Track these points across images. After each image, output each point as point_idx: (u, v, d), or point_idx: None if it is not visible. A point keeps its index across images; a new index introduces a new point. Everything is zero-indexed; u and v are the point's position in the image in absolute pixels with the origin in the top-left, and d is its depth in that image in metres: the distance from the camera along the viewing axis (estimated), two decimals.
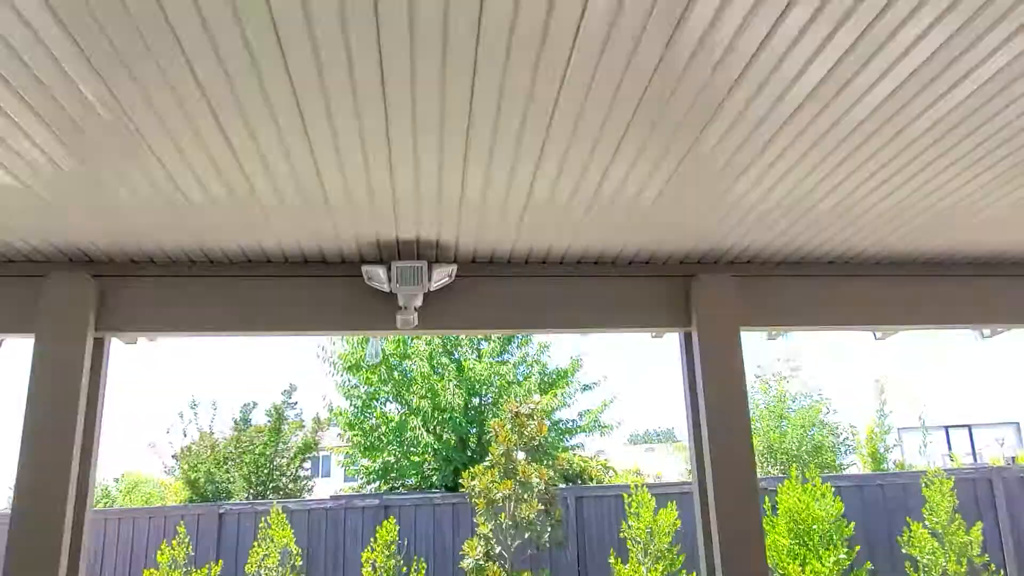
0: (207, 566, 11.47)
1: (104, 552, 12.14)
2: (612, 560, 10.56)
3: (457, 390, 13.76)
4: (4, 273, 3.39)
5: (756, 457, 14.37)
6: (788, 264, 3.87)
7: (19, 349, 3.68)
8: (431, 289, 3.41)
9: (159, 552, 11.55)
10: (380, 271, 3.36)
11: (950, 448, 19.30)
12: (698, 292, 3.65)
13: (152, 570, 11.42)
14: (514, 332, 3.84)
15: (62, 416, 3.13)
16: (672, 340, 3.98)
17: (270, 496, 14.57)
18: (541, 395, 13.87)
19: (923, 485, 10.31)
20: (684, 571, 10.16)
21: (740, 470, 3.48)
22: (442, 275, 3.40)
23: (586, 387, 14.99)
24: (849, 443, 15.14)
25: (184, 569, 11.36)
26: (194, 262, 3.52)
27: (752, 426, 13.53)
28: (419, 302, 3.39)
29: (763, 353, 20.25)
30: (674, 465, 24.23)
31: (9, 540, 2.93)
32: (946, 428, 20.16)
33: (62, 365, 3.18)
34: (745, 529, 3.44)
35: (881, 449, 14.46)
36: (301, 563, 11.35)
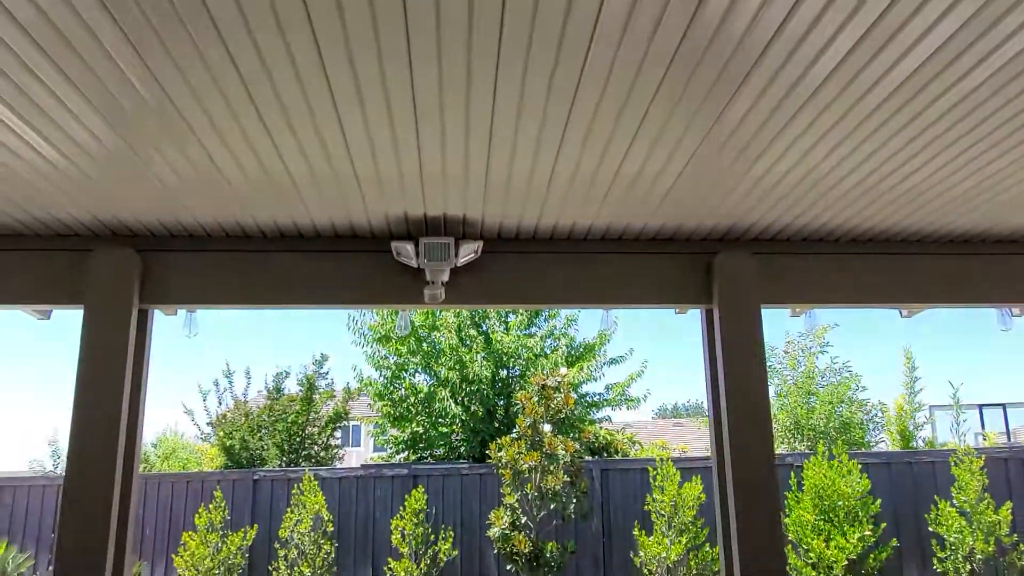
0: (242, 530, 11.87)
1: (144, 514, 12.61)
2: (636, 532, 10.70)
3: (485, 362, 13.92)
4: (53, 247, 3.56)
5: (783, 432, 14.41)
6: (810, 241, 3.87)
7: (65, 319, 3.86)
8: (458, 264, 3.49)
9: (197, 515, 11.97)
10: (409, 247, 3.45)
11: (983, 427, 18.99)
12: (719, 269, 3.68)
13: (190, 532, 11.85)
14: (538, 307, 3.93)
15: (110, 384, 3.29)
16: (698, 314, 4.02)
17: (302, 464, 14.94)
18: (568, 368, 13.96)
19: (952, 464, 10.24)
20: (708, 544, 10.27)
21: (759, 446, 3.54)
22: (468, 251, 3.48)
23: (613, 360, 15.04)
24: (878, 421, 15.01)
25: (221, 532, 11.77)
26: (230, 236, 3.65)
27: (780, 401, 13.60)
28: (446, 277, 3.48)
29: (792, 328, 20.09)
30: (702, 439, 24.26)
31: (63, 502, 3.09)
32: (980, 407, 19.80)
33: (109, 336, 3.34)
34: (762, 505, 3.50)
35: (911, 427, 14.32)
36: (332, 529, 11.69)
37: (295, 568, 11.33)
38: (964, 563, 9.74)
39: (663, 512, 10.46)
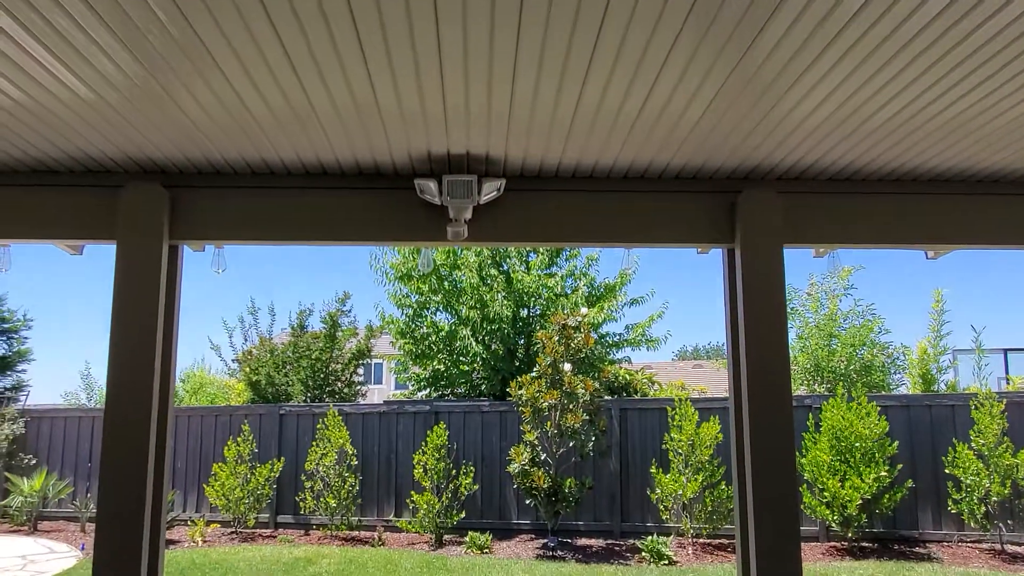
0: (270, 462, 12.28)
1: (176, 446, 13.06)
2: (653, 470, 10.92)
3: (506, 301, 14.02)
4: (85, 183, 3.61)
5: (803, 375, 14.43)
6: (836, 181, 3.81)
7: (95, 257, 3.94)
8: (480, 202, 3.50)
9: (226, 447, 12.39)
10: (432, 184, 3.46)
11: (1007, 371, 18.87)
12: (742, 208, 3.64)
13: (220, 464, 12.29)
14: (560, 245, 3.90)
15: (144, 317, 3.38)
16: (720, 254, 4.01)
17: (326, 399, 15.31)
18: (588, 308, 14.03)
19: (972, 407, 10.26)
20: (723, 482, 10.46)
21: (775, 387, 3.56)
22: (491, 189, 3.48)
23: (634, 301, 15.07)
24: (900, 364, 14.98)
25: (249, 464, 12.19)
26: (256, 174, 3.67)
27: (800, 344, 13.58)
28: (469, 215, 3.50)
29: (816, 270, 19.91)
30: (722, 381, 24.41)
31: (104, 434, 3.22)
32: (1005, 351, 19.63)
33: (142, 270, 3.41)
34: (777, 446, 3.54)
35: (933, 370, 14.28)
36: (356, 463, 12.05)
37: (321, 499, 11.75)
38: (979, 505, 9.85)
39: (680, 451, 10.64)
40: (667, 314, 15.83)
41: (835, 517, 10.00)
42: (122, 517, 3.17)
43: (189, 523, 12.33)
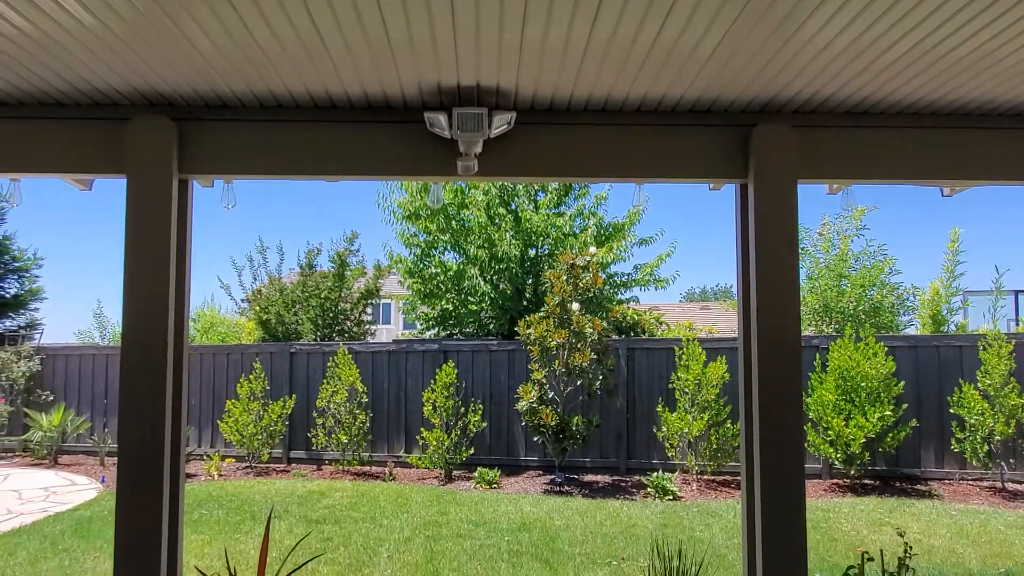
0: (282, 399, 12.49)
1: (189, 384, 13.27)
2: (660, 409, 11.05)
3: (514, 241, 13.97)
4: (92, 116, 3.55)
5: (811, 316, 14.43)
6: (852, 115, 3.71)
7: (104, 194, 3.91)
8: (491, 136, 3.44)
9: (238, 385, 12.60)
10: (441, 118, 3.40)
11: (1017, 313, 18.83)
12: (756, 142, 3.57)
13: (233, 400, 12.51)
14: (571, 180, 3.84)
15: (158, 252, 3.37)
16: (732, 191, 3.96)
17: (335, 338, 15.46)
18: (597, 248, 13.98)
19: (981, 348, 10.28)
20: (729, 421, 10.59)
21: (785, 324, 3.55)
22: (502, 122, 3.42)
23: (643, 241, 15.00)
24: (909, 305, 14.95)
25: (262, 401, 12.41)
26: (264, 107, 3.61)
27: (810, 284, 13.53)
28: (479, 149, 3.44)
29: (829, 210, 19.69)
30: (729, 322, 24.48)
31: (122, 370, 3.25)
32: (1016, 293, 19.50)
33: (152, 204, 3.39)
34: (784, 385, 3.54)
35: (944, 311, 14.25)
36: (367, 400, 12.25)
37: (332, 436, 11.99)
38: (982, 444, 9.97)
39: (687, 390, 10.74)
40: (675, 255, 15.76)
41: (838, 455, 10.14)
42: (142, 452, 3.23)
43: (205, 458, 12.63)
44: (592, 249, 11.97)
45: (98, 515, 8.69)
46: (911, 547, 3.34)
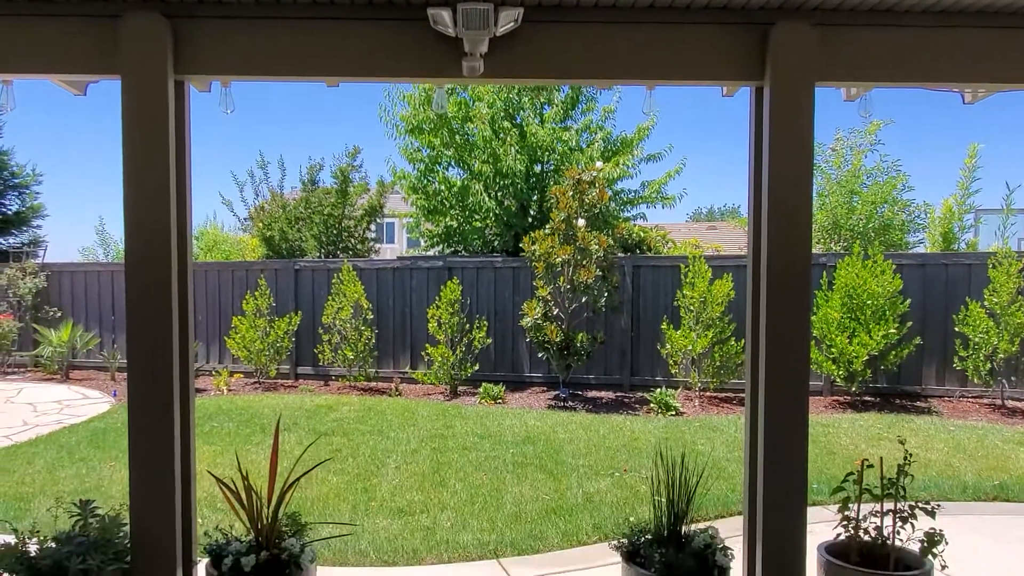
0: (287, 316, 12.53)
1: (195, 301, 13.30)
2: (664, 326, 11.05)
3: (519, 156, 13.67)
4: (82, 12, 3.32)
5: (820, 233, 14.25)
6: (876, 12, 3.46)
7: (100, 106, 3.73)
8: (497, 34, 3.22)
9: (244, 301, 12.62)
10: (445, 14, 3.17)
11: None
12: (774, 41, 3.34)
13: (240, 317, 12.56)
14: (579, 82, 3.64)
15: (156, 159, 3.21)
16: (742, 107, 3.76)
17: (339, 255, 15.39)
18: (604, 163, 13.68)
19: (990, 266, 10.14)
20: (733, 338, 10.60)
21: (796, 237, 3.42)
22: (508, 19, 3.19)
23: (650, 157, 14.65)
24: (920, 222, 14.72)
25: (267, 318, 12.45)
26: (260, 2, 3.37)
27: (820, 201, 13.27)
28: (485, 48, 3.23)
29: (843, 124, 19.14)
30: (735, 241, 24.30)
31: (127, 285, 3.15)
32: None
33: (148, 108, 3.21)
34: (793, 299, 3.45)
35: (956, 229, 14.04)
36: (372, 317, 12.28)
37: (339, 352, 12.08)
38: (985, 362, 9.97)
39: (692, 308, 10.70)
40: (683, 175, 15.43)
41: (840, 372, 10.18)
42: (151, 366, 3.18)
43: (213, 373, 12.79)
44: (599, 164, 11.71)
45: (112, 427, 8.85)
46: (911, 454, 3.32)
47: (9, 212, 20.03)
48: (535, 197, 14.48)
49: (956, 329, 10.35)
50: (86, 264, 15.47)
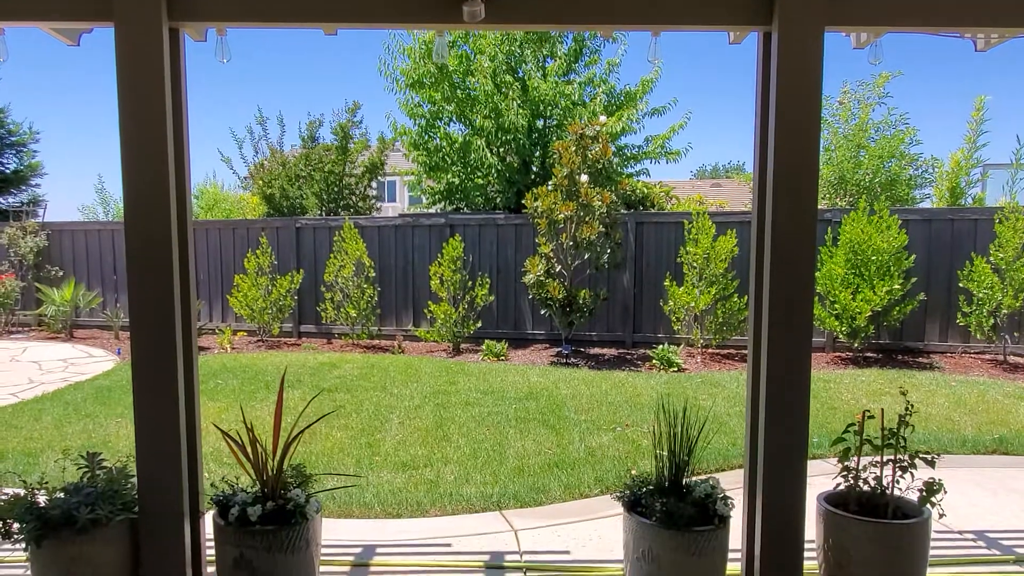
0: (289, 274, 12.52)
1: (196, 259, 13.29)
2: (667, 283, 11.03)
3: (521, 110, 13.47)
4: None
5: (825, 188, 14.12)
6: None
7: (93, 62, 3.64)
8: None
9: (245, 260, 12.60)
10: None
11: None
12: None
13: (241, 275, 12.55)
14: (582, 28, 3.52)
15: (152, 109, 3.13)
16: (749, 62, 3.66)
17: (340, 214, 15.31)
18: (607, 117, 13.49)
19: (997, 221, 10.06)
20: (736, 295, 10.58)
21: (802, 189, 3.35)
22: None
23: (655, 111, 14.44)
24: (928, 177, 14.56)
25: (269, 276, 12.44)
26: None
27: (827, 155, 13.12)
28: None
29: (852, 75, 18.84)
30: (740, 198, 24.14)
31: (127, 244, 3.12)
32: None
33: (143, 57, 3.12)
34: (797, 254, 3.40)
35: (963, 183, 13.89)
36: (374, 275, 12.26)
37: (341, 310, 12.10)
38: (988, 318, 9.96)
39: (695, 264, 10.66)
40: (688, 131, 15.25)
41: (843, 328, 10.18)
42: (154, 326, 3.16)
43: (216, 331, 12.84)
44: (602, 118, 11.53)
45: (117, 384, 8.91)
46: (912, 405, 3.32)
47: (7, 171, 19.91)
48: (537, 153, 14.32)
49: (960, 285, 10.31)
50: (87, 223, 15.42)
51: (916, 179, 14.39)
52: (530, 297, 11.41)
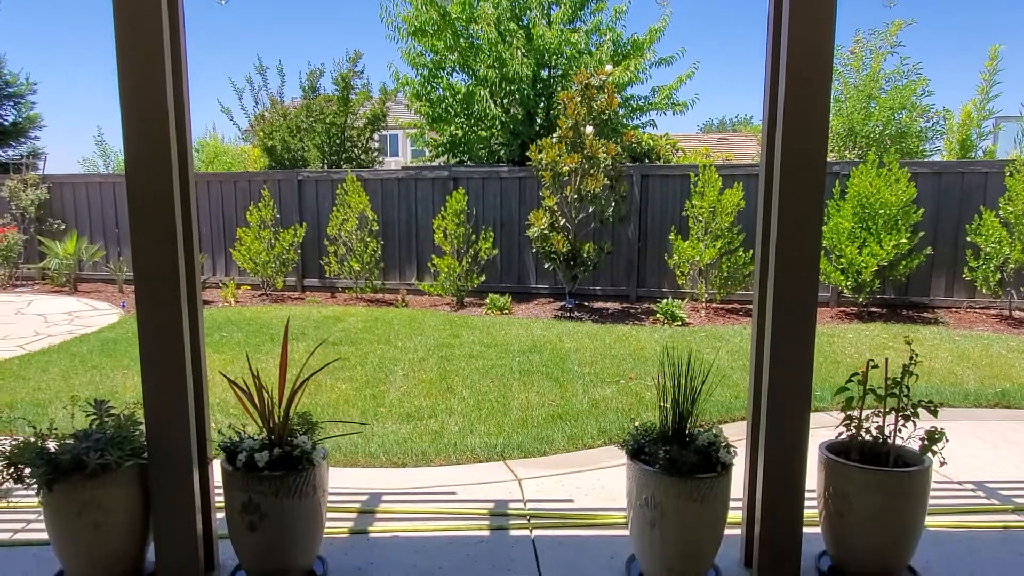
0: (292, 227, 12.47)
1: (199, 212, 13.22)
2: (672, 237, 10.96)
3: (525, 60, 13.20)
4: None
5: (834, 140, 13.93)
6: None
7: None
8: None
9: (248, 213, 12.53)
10: None
11: None
12: None
13: (244, 228, 12.51)
14: None
15: (150, 51, 3.07)
16: (760, 10, 3.54)
17: (343, 166, 15.17)
18: (613, 66, 13.24)
19: (1007, 174, 9.93)
20: (741, 249, 10.53)
21: (811, 142, 3.29)
22: None
23: (662, 61, 14.15)
24: (939, 128, 14.33)
25: (272, 229, 12.39)
26: None
27: (836, 106, 12.93)
28: None
29: (863, 24, 18.42)
30: (747, 151, 23.86)
31: (129, 197, 3.07)
32: None
33: (140, 3, 3.04)
34: (805, 207, 3.35)
35: (974, 135, 13.68)
36: (377, 228, 12.21)
37: (345, 263, 12.08)
38: (995, 272, 9.91)
39: (700, 218, 10.58)
40: (696, 82, 14.99)
41: (848, 283, 10.15)
42: (157, 279, 3.13)
43: (220, 285, 12.86)
44: (608, 68, 11.31)
45: (122, 336, 8.96)
46: (916, 354, 3.31)
47: (6, 123, 19.72)
48: (542, 104, 14.10)
49: (968, 239, 10.24)
50: (88, 176, 15.29)
51: (927, 132, 14.17)
52: (534, 251, 11.37)
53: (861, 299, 10.29)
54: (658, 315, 10.23)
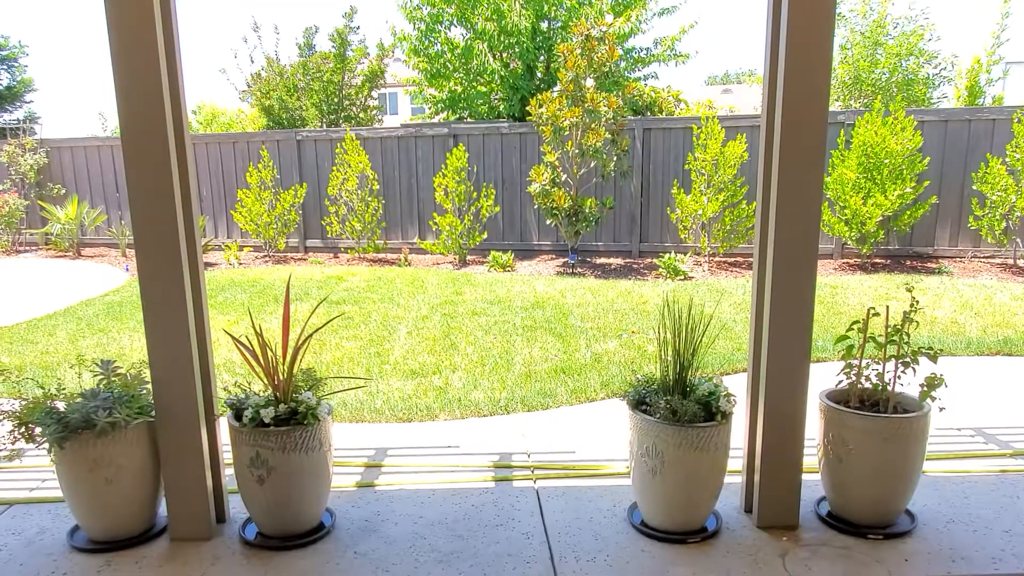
0: (292, 188, 12.41)
1: (197, 174, 13.14)
2: (675, 191, 10.89)
3: (524, 11, 12.96)
4: None
5: (840, 88, 13.73)
6: None
7: None
8: None
9: (247, 174, 12.47)
10: None
11: None
12: None
13: (244, 190, 12.45)
14: None
15: (142, 21, 3.02)
16: None
17: (342, 125, 15.03)
18: (614, 17, 12.99)
19: (1014, 121, 9.79)
20: (744, 201, 10.46)
21: (814, 90, 3.24)
22: None
23: (663, 11, 13.87)
24: (947, 75, 14.07)
25: (272, 190, 12.34)
26: None
27: (842, 54, 12.70)
28: None
29: None
30: (752, 103, 23.53)
31: (125, 161, 3.05)
32: None
33: None
34: (806, 159, 3.31)
35: (982, 81, 13.44)
36: (378, 187, 12.14)
37: (346, 223, 12.06)
38: (1000, 221, 9.84)
39: (703, 171, 10.50)
40: (698, 33, 14.69)
41: (852, 234, 10.10)
42: (158, 241, 3.13)
43: (223, 247, 12.86)
44: (609, 18, 11.11)
45: (127, 300, 9.00)
46: (917, 301, 3.31)
47: (0, 86, 19.52)
48: (542, 58, 13.88)
49: (974, 187, 10.15)
50: (86, 139, 15.17)
51: (934, 79, 13.93)
52: (536, 207, 11.32)
53: (865, 250, 10.25)
54: (661, 270, 10.22)
